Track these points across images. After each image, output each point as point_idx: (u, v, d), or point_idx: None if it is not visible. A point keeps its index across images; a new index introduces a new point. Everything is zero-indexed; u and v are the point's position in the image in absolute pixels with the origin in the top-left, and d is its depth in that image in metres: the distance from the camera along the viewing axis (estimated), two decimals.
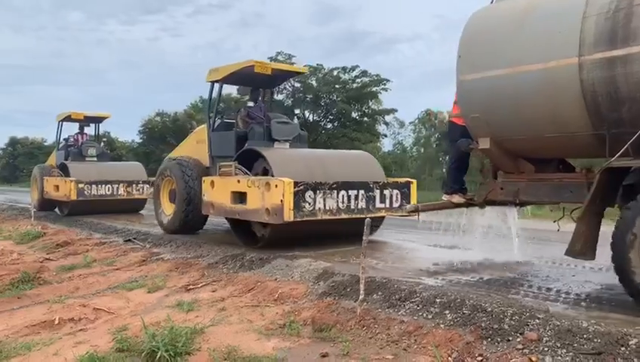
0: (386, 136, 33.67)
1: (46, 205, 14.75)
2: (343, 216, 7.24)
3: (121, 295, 6.12)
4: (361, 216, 6.97)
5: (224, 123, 9.52)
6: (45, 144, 53.80)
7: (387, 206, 7.77)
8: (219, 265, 6.98)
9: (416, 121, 39.50)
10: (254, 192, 7.09)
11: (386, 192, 7.74)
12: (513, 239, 6.80)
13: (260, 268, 6.51)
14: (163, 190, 9.81)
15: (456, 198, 6.15)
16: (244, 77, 8.94)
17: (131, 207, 14.16)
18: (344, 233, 7.53)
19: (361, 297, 4.60)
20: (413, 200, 7.98)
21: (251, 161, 7.94)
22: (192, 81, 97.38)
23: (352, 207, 7.34)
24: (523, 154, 5.42)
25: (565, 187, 5.09)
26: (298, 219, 6.74)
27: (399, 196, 7.88)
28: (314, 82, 29.67)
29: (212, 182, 8.01)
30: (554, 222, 5.64)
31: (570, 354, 3.46)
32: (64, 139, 15.66)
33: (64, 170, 14.02)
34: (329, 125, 31.25)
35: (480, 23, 5.54)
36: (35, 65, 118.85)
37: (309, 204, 6.86)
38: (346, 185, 7.31)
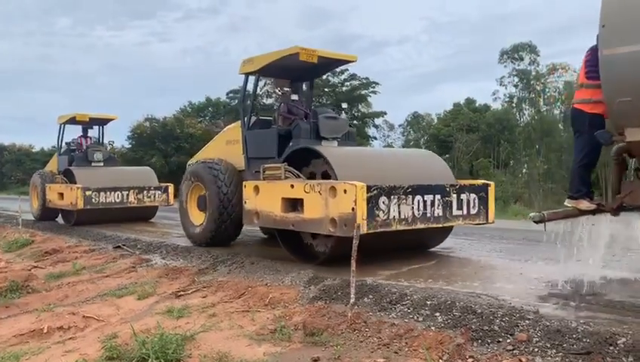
0: (375, 138, 33.90)
1: (48, 215, 13.95)
2: (419, 225, 6.08)
3: (111, 302, 6.07)
4: (438, 225, 6.28)
5: (260, 121, 8.52)
6: (33, 151, 53.41)
7: (464, 213, 6.55)
8: (209, 271, 6.95)
9: (405, 123, 39.71)
10: (314, 199, 5.99)
11: (463, 197, 6.52)
12: None
13: (250, 274, 6.49)
14: (190, 197, 8.79)
15: (585, 204, 5.04)
16: (285, 67, 7.94)
17: (142, 215, 13.27)
18: (406, 245, 6.80)
19: (352, 301, 4.60)
20: (491, 206, 6.80)
21: (299, 163, 6.88)
22: (181, 86, 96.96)
23: (429, 214, 6.16)
24: None
25: None
26: (371, 231, 5.63)
27: (476, 201, 6.64)
28: (303, 86, 29.69)
29: (256, 188, 6.89)
30: None
31: (560, 354, 3.48)
32: (66, 143, 14.64)
33: (69, 177, 13.05)
34: None
35: None
36: (22, 71, 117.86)
37: (383, 212, 5.73)
38: (422, 189, 6.14)
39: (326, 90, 29.45)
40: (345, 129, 7.84)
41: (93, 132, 14.93)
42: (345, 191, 5.62)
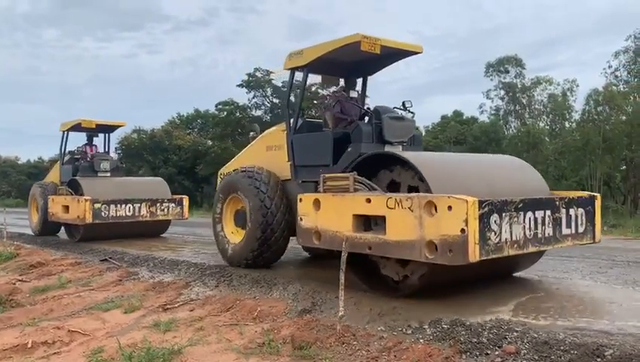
0: None
1: (49, 229, 13.04)
2: (530, 248, 4.92)
3: (97, 316, 6.00)
4: (548, 247, 5.18)
5: (307, 123, 7.35)
6: (19, 163, 52.90)
7: (573, 231, 5.36)
8: (197, 284, 6.90)
9: None
10: (402, 217, 4.78)
11: (572, 212, 5.39)
12: None
13: (238, 287, 6.45)
14: (226, 211, 7.71)
15: None
16: (337, 61, 7.00)
17: (154, 230, 12.29)
18: (494, 272, 5.65)
19: (340, 313, 4.59)
20: (598, 222, 5.69)
21: (362, 173, 5.60)
22: (170, 98, 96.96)
23: (539, 235, 4.99)
24: None
25: None
26: (484, 258, 4.42)
27: (584, 217, 5.50)
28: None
29: (316, 202, 5.70)
30: None
31: None
32: (69, 152, 13.58)
33: (74, 187, 11.98)
34: None
35: None
36: (9, 83, 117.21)
37: (495, 233, 4.53)
38: (533, 204, 4.95)
39: (315, 102, 29.56)
40: (411, 132, 6.77)
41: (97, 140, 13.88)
42: (449, 207, 4.41)
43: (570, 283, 5.98)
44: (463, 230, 4.31)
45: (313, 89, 29.72)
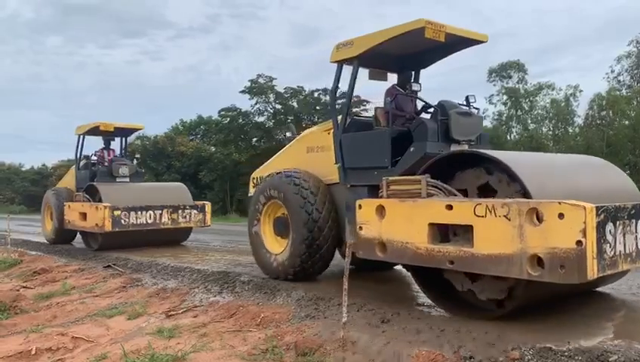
0: None
1: (64, 237, 12.46)
2: (638, 264, 4.27)
3: (101, 322, 6.01)
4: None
5: (355, 121, 6.74)
6: (22, 169, 53.09)
7: None
8: (200, 290, 6.91)
9: None
10: (496, 226, 4.11)
11: None
12: None
13: (241, 293, 6.45)
14: (264, 219, 7.07)
15: None
16: (391, 52, 6.30)
17: (175, 238, 11.72)
18: (574, 289, 4.44)
19: (344, 320, 4.59)
20: None
21: (435, 175, 4.89)
22: (173, 104, 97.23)
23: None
24: None
25: None
26: (601, 274, 3.82)
27: None
28: (295, 104, 29.91)
29: (380, 209, 5.02)
30: None
31: None
32: (85, 157, 12.90)
33: (91, 194, 11.35)
34: None
35: None
36: (11, 90, 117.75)
37: (610, 245, 3.92)
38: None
39: (318, 108, 29.62)
40: (480, 129, 6.17)
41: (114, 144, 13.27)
42: (561, 215, 3.77)
43: None
44: (579, 242, 3.66)
45: (316, 95, 29.81)
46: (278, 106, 29.85)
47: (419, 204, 4.72)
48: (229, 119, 31.96)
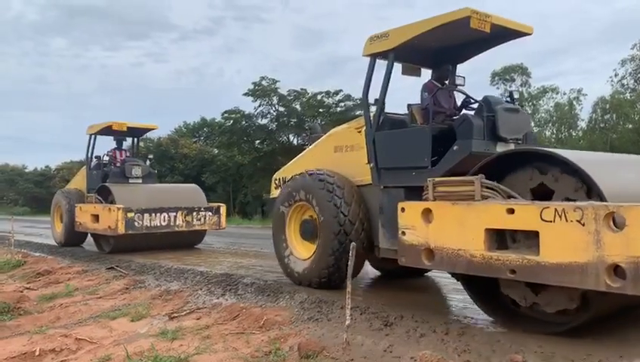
0: None
1: (75, 240, 12.15)
2: None
3: (104, 324, 6.02)
4: None
5: (389, 119, 6.20)
6: (26, 171, 53.27)
7: None
8: (203, 292, 6.91)
9: None
10: (567, 232, 3.72)
11: None
12: None
13: (244, 295, 6.45)
14: (289, 222, 6.71)
15: None
16: (427, 45, 5.92)
17: (189, 241, 11.51)
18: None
19: (347, 322, 4.58)
20: None
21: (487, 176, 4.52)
22: (176, 107, 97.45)
23: None
24: None
25: None
26: None
27: None
28: (298, 106, 29.93)
29: (426, 212, 4.66)
30: None
31: None
32: (96, 157, 12.60)
33: (104, 195, 11.05)
34: None
35: None
36: (16, 91, 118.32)
37: None
38: None
39: (321, 110, 29.61)
40: (528, 127, 5.79)
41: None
42: None
43: None
44: None
45: (319, 97, 29.83)
46: (282, 109, 29.85)
47: (474, 207, 4.31)
48: (232, 121, 31.97)
